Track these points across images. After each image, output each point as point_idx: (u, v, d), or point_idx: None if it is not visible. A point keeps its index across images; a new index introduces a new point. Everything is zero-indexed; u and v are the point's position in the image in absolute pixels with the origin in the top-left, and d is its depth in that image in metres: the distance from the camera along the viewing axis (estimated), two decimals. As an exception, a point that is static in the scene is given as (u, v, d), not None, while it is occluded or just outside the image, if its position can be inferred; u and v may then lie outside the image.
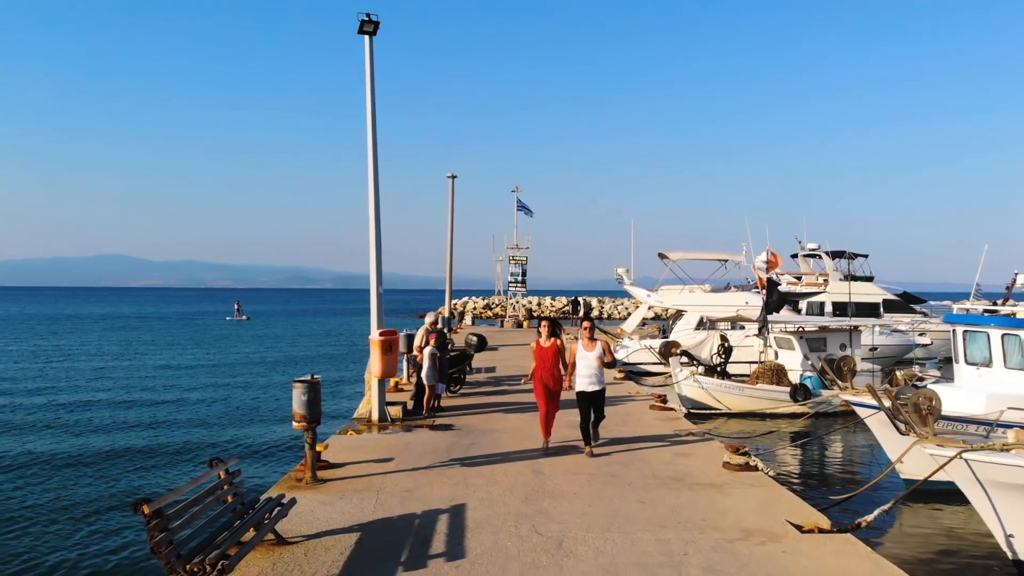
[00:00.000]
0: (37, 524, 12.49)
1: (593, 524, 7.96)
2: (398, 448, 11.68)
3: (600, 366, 11.48)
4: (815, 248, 42.68)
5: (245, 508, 7.22)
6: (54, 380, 32.02)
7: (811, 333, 24.66)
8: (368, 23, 13.03)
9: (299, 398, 9.38)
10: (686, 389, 22.65)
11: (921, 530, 12.03)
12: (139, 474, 16.20)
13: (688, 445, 12.12)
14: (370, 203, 13.49)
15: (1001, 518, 9.85)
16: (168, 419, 22.89)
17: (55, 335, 62.63)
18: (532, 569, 6.67)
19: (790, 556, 7.06)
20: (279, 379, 33.32)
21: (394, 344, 13.70)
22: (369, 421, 13.73)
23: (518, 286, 48.78)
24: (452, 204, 31.70)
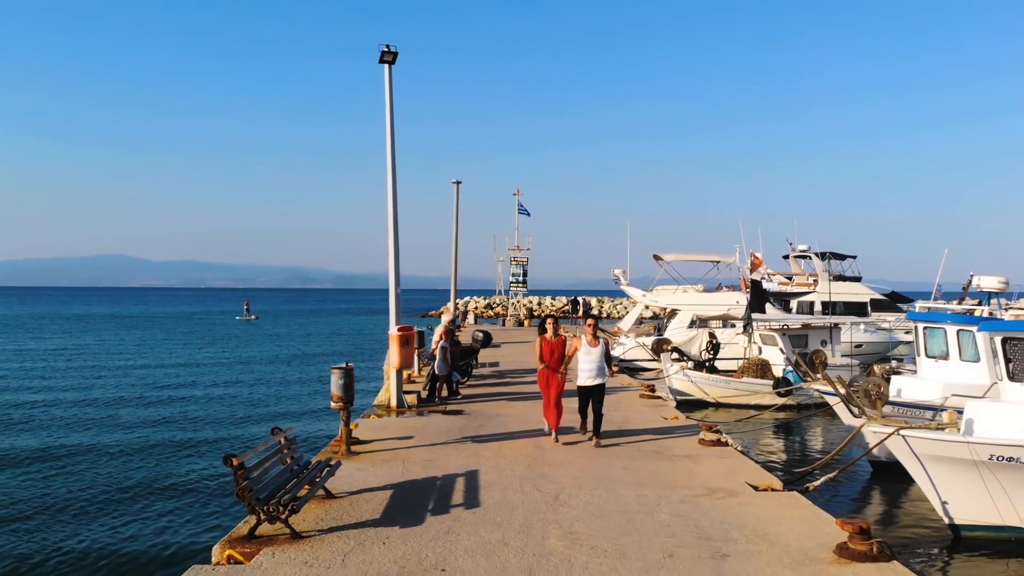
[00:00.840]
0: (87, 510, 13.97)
1: (584, 484, 9.61)
2: (416, 429, 13.34)
3: (602, 363, 12.13)
4: (805, 249, 44.32)
5: (300, 468, 8.88)
6: (83, 377, 33.66)
7: (794, 330, 26.28)
8: (388, 53, 14.67)
9: (336, 382, 11.05)
10: (676, 383, 24.29)
11: (873, 498, 13.71)
12: (173, 462, 17.78)
13: (668, 424, 13.79)
14: (389, 217, 15.12)
15: (936, 487, 11.50)
16: (196, 413, 24.58)
17: (71, 334, 64.32)
18: (534, 514, 8.32)
19: (743, 507, 8.70)
20: (296, 375, 35.17)
21: (410, 338, 15.36)
22: (388, 407, 15.39)
23: (519, 286, 50.41)
24: (457, 209, 33.32)
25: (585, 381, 12.10)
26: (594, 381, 12.06)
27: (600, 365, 12.09)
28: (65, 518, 13.09)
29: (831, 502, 12.57)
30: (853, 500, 13.49)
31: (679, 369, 24.23)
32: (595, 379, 12.06)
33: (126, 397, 27.77)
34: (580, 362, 12.14)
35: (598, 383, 12.07)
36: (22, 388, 29.94)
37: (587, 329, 12.37)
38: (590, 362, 12.04)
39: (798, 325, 26.64)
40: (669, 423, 14.15)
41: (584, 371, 12.10)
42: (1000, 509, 11.11)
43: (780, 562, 6.91)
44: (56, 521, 12.92)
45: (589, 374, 12.07)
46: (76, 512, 13.47)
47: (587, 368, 12.07)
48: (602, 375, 12.13)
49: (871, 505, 13.49)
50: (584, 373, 12.10)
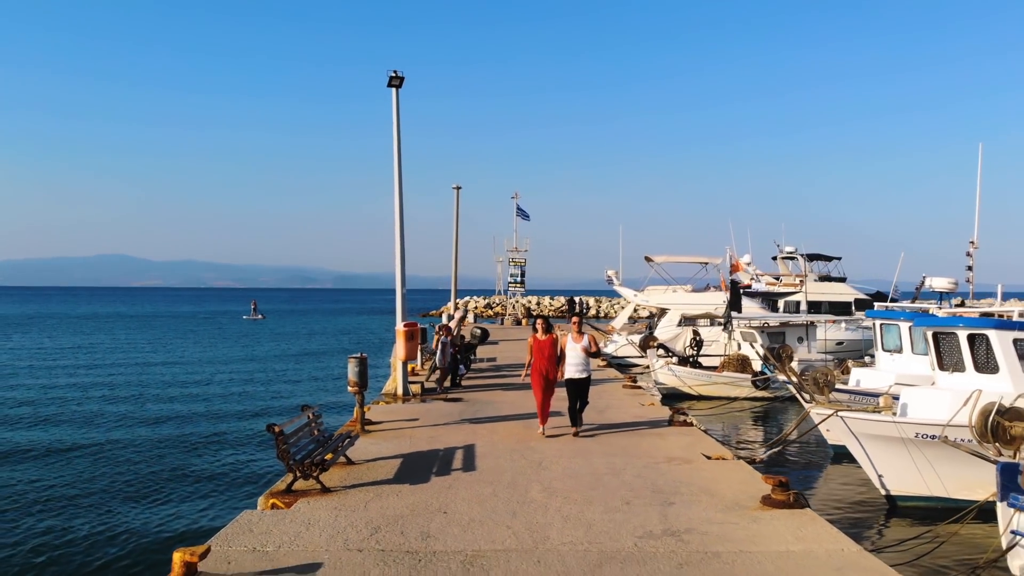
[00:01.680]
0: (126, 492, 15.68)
1: (564, 455, 11.34)
2: (420, 413, 15.08)
3: (587, 356, 12.91)
4: (792, 251, 46.03)
5: (326, 439, 10.62)
6: (107, 374, 35.44)
7: (772, 328, 27.99)
8: (395, 78, 16.38)
9: (352, 369, 12.81)
10: (661, 376, 26.04)
11: (825, 475, 15.45)
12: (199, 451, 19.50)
13: (644, 409, 15.55)
14: (396, 228, 16.81)
15: (872, 462, 13.23)
16: (219, 405, 26.38)
17: (84, 333, 66.15)
18: (520, 475, 10.05)
19: (695, 471, 10.42)
20: (307, 371, 37.16)
21: (415, 333, 17.10)
22: (395, 395, 17.12)
23: (517, 286, 52.12)
24: (457, 214, 35.02)
25: (571, 375, 12.89)
26: (580, 375, 12.90)
27: (585, 360, 12.95)
28: (106, 499, 14.81)
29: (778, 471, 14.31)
30: (805, 476, 15.25)
31: (663, 364, 25.95)
32: (581, 373, 12.90)
33: (150, 392, 29.51)
34: (568, 357, 12.93)
35: (584, 376, 12.93)
36: (54, 385, 31.63)
37: (572, 326, 13.31)
38: (575, 356, 12.90)
39: (776, 323, 28.34)
40: (645, 408, 15.88)
41: (570, 365, 12.91)
42: (927, 481, 12.83)
43: (715, 508, 8.64)
44: (99, 501, 14.65)
45: (575, 368, 12.90)
46: (117, 494, 15.21)
47: (573, 363, 12.91)
48: (587, 369, 13.04)
49: (820, 479, 15.25)
50: (571, 368, 12.91)
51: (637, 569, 6.77)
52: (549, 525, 7.99)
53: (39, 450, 18.81)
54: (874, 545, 10.98)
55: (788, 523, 8.08)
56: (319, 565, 6.79)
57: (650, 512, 8.47)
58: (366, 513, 8.37)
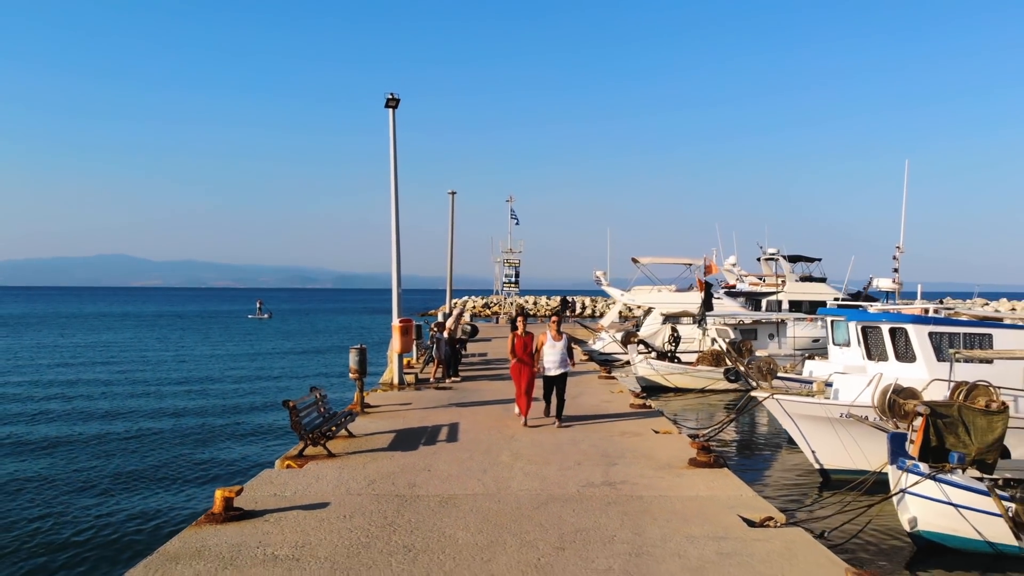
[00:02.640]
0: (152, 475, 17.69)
1: (533, 430, 13.26)
2: (413, 398, 17.02)
3: (564, 354, 13.79)
4: (774, 252, 47.90)
5: (331, 415, 12.54)
6: (125, 370, 37.32)
7: (746, 325, 29.90)
8: (392, 100, 18.30)
9: (353, 358, 14.75)
10: (641, 370, 27.96)
11: (770, 455, 17.36)
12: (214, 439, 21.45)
13: (613, 396, 17.49)
14: (392, 238, 18.73)
15: (805, 440, 15.12)
16: (233, 397, 28.30)
17: (95, 332, 68.14)
18: (494, 445, 11.98)
19: (642, 441, 12.35)
20: (313, 366, 39.18)
21: (410, 329, 19.03)
22: (391, 384, 19.05)
23: (511, 286, 54.04)
24: (452, 219, 36.92)
25: (550, 370, 13.81)
26: (558, 371, 13.78)
27: (563, 357, 13.81)
28: (136, 478, 16.73)
29: (722, 448, 16.26)
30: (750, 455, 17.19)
31: (643, 359, 27.87)
32: (558, 369, 13.78)
33: (167, 387, 31.32)
34: (545, 355, 13.83)
35: (561, 372, 13.81)
36: (79, 380, 33.50)
37: (551, 325, 14.21)
38: (554, 354, 13.76)
39: (749, 321, 30.25)
40: (613, 395, 17.81)
41: (549, 362, 13.79)
42: (852, 456, 14.72)
43: (649, 467, 10.57)
44: (130, 481, 16.58)
45: (553, 364, 13.77)
46: (146, 474, 17.13)
47: (551, 359, 13.77)
48: (564, 365, 13.83)
49: (763, 457, 17.17)
50: (549, 364, 13.79)
51: (574, 506, 8.70)
52: (511, 479, 9.92)
53: (76, 438, 20.63)
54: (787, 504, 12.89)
55: (705, 477, 10.00)
56: (327, 504, 8.72)
57: (596, 470, 10.40)
58: (364, 471, 10.30)
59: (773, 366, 16.34)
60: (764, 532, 7.79)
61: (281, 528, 7.86)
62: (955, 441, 11.42)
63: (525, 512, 8.50)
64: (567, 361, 13.92)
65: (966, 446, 11.37)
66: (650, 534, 7.73)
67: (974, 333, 14.77)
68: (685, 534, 7.72)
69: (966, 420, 11.48)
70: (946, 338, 14.65)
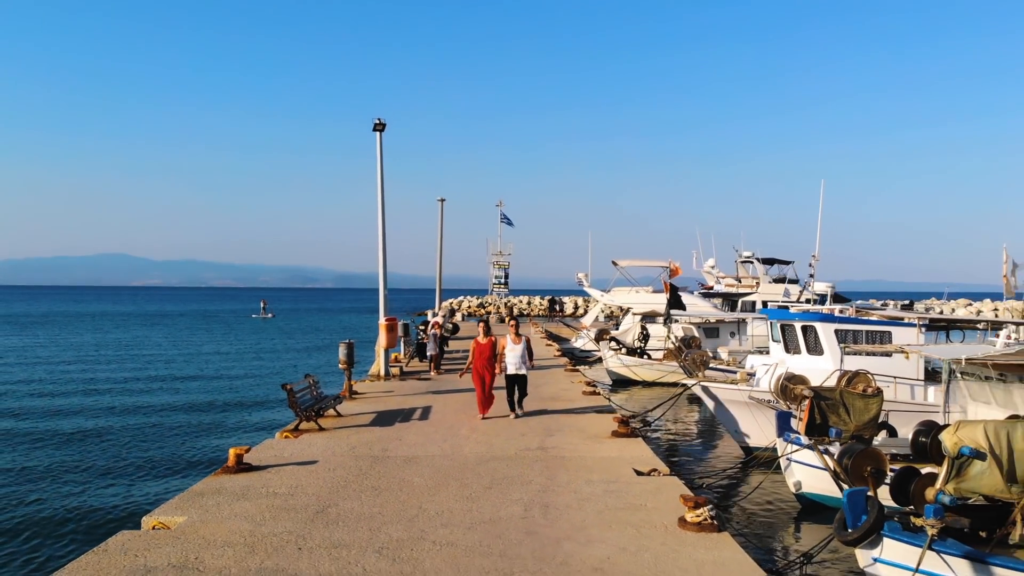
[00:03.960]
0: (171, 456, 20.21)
1: (493, 412, 15.70)
2: (396, 387, 19.52)
3: (523, 356, 14.91)
4: (749, 255, 50.37)
5: (322, 398, 15.02)
6: (137, 366, 39.96)
7: (710, 324, 32.35)
8: (379, 125, 20.75)
9: (342, 351, 17.25)
10: (611, 365, 30.44)
11: (700, 443, 19.84)
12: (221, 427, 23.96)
13: (572, 385, 19.97)
14: (379, 251, 21.18)
15: (727, 420, 17.58)
16: (241, 388, 30.81)
17: (103, 331, 70.94)
18: (456, 423, 14.45)
19: (581, 418, 14.82)
20: (313, 362, 41.73)
21: (394, 326, 21.51)
22: (378, 376, 21.53)
23: (501, 287, 56.53)
24: (441, 225, 39.34)
25: (510, 371, 14.97)
26: (518, 370, 14.97)
27: (523, 357, 14.98)
28: (164, 449, 19.25)
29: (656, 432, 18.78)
30: (680, 437, 19.67)
31: (613, 355, 30.35)
32: (519, 369, 14.96)
33: (182, 382, 33.94)
34: (507, 356, 15.00)
35: (521, 372, 15.01)
36: (100, 378, 36.06)
37: (510, 329, 15.42)
38: (514, 356, 14.95)
39: (712, 320, 32.70)
40: (573, 384, 20.28)
41: (510, 363, 14.96)
42: (766, 434, 17.19)
43: (579, 438, 13.04)
44: (151, 454, 19.09)
45: (514, 365, 14.95)
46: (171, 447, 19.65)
47: (512, 360, 14.95)
48: (524, 366, 15.02)
49: (691, 443, 19.66)
50: (510, 365, 14.97)
51: (508, 462, 11.18)
52: (465, 445, 12.40)
53: (103, 423, 23.14)
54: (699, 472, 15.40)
55: (619, 444, 12.48)
56: (316, 461, 11.21)
57: (535, 439, 12.89)
58: (347, 440, 12.78)
59: (707, 358, 18.83)
60: (647, 479, 10.26)
61: (280, 476, 10.34)
62: (836, 419, 13.87)
63: (469, 466, 10.98)
64: (527, 361, 15.17)
65: (845, 424, 13.82)
66: (559, 479, 10.21)
67: (874, 331, 17.25)
68: (585, 479, 10.20)
69: (846, 402, 13.93)
70: (850, 335, 17.14)
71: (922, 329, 17.01)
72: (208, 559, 7.20)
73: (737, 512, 13.26)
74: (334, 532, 8.00)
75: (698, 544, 7.67)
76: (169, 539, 7.78)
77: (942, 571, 8.41)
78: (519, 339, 15.14)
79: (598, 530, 8.10)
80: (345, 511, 8.75)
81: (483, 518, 8.51)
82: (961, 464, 9.43)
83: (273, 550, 7.46)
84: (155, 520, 8.46)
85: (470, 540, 7.77)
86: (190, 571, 6.90)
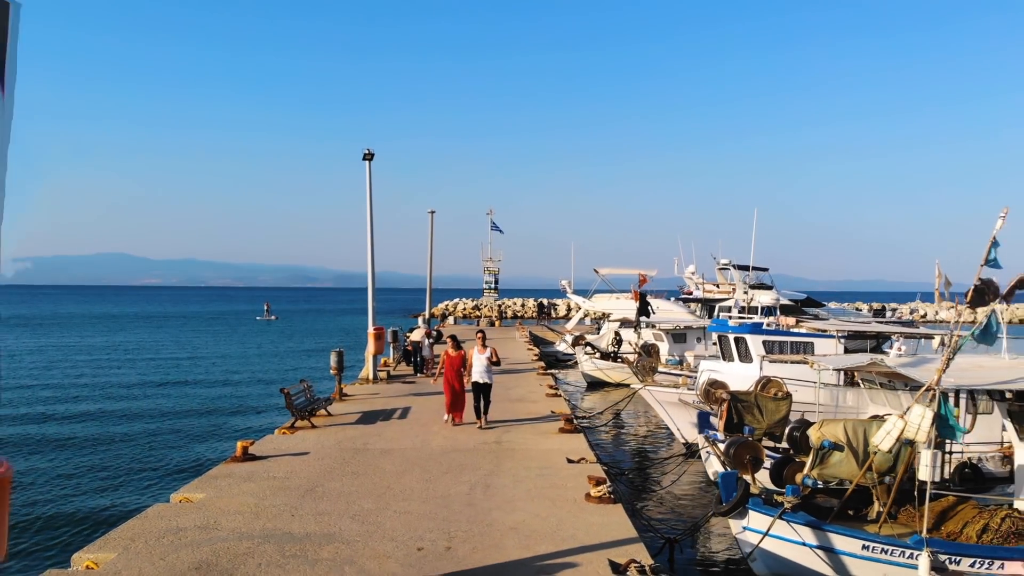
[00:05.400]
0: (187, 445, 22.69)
1: (468, 419, 18.15)
2: (382, 390, 21.95)
3: (489, 366, 16.10)
4: (727, 263, 52.76)
5: (315, 399, 17.45)
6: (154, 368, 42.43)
7: (676, 330, 34.77)
8: (368, 155, 23.17)
9: (333, 359, 19.73)
10: (586, 368, 32.87)
11: (646, 438, 22.28)
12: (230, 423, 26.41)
13: (540, 387, 22.40)
14: (368, 273, 23.60)
15: (670, 419, 19.98)
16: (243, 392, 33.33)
17: (109, 333, 73.44)
18: (431, 422, 16.86)
19: (537, 415, 17.24)
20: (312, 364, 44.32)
21: (381, 335, 23.97)
22: (367, 379, 23.97)
23: (491, 292, 58.97)
24: (432, 237, 41.75)
25: (476, 379, 16.21)
26: (484, 379, 16.16)
27: (487, 367, 16.19)
28: (181, 441, 21.72)
29: (615, 428, 21.23)
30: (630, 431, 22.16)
31: (587, 358, 32.78)
32: (483, 378, 16.15)
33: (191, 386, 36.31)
34: (473, 365, 16.26)
35: (486, 381, 16.19)
36: (115, 384, 38.54)
37: (478, 339, 16.85)
38: (481, 364, 16.16)
39: (681, 326, 35.13)
40: (541, 387, 22.70)
41: (475, 371, 16.20)
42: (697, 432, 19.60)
43: (531, 434, 15.46)
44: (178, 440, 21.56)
45: (479, 374, 16.20)
46: (188, 440, 22.12)
47: (477, 369, 16.22)
48: (489, 375, 16.27)
49: (642, 431, 22.12)
50: (476, 374, 16.20)
51: (466, 453, 13.61)
52: (433, 440, 14.84)
53: (127, 428, 25.62)
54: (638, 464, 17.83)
55: (562, 439, 14.92)
56: (308, 452, 13.63)
57: (492, 435, 15.32)
58: (335, 436, 15.22)
59: (655, 364, 21.26)
60: (575, 466, 12.68)
61: (278, 464, 12.78)
62: (751, 419, 16.30)
63: (433, 457, 13.42)
64: (491, 371, 16.45)
65: (759, 422, 16.25)
66: (504, 466, 12.65)
67: (798, 342, 19.69)
68: (525, 466, 12.64)
69: (759, 404, 16.37)
70: (776, 345, 19.57)
71: (840, 340, 19.41)
72: (223, 522, 9.64)
73: (655, 492, 15.71)
74: (319, 504, 10.44)
75: (595, 512, 10.11)
76: (192, 509, 10.21)
77: (791, 536, 10.87)
78: (484, 349, 16.45)
79: (523, 503, 10.54)
80: (329, 489, 11.19)
81: (436, 495, 10.94)
82: (823, 454, 11.93)
83: (273, 516, 9.89)
84: (180, 496, 10.89)
85: (423, 510, 10.21)
86: (210, 530, 9.32)
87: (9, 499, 5.89)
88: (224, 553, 8.51)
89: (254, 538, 9.03)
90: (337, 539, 9.01)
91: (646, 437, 21.82)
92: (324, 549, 8.67)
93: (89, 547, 8.78)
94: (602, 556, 8.41)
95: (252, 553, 8.53)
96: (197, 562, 8.25)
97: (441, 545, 8.84)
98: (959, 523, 11.35)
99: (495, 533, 9.29)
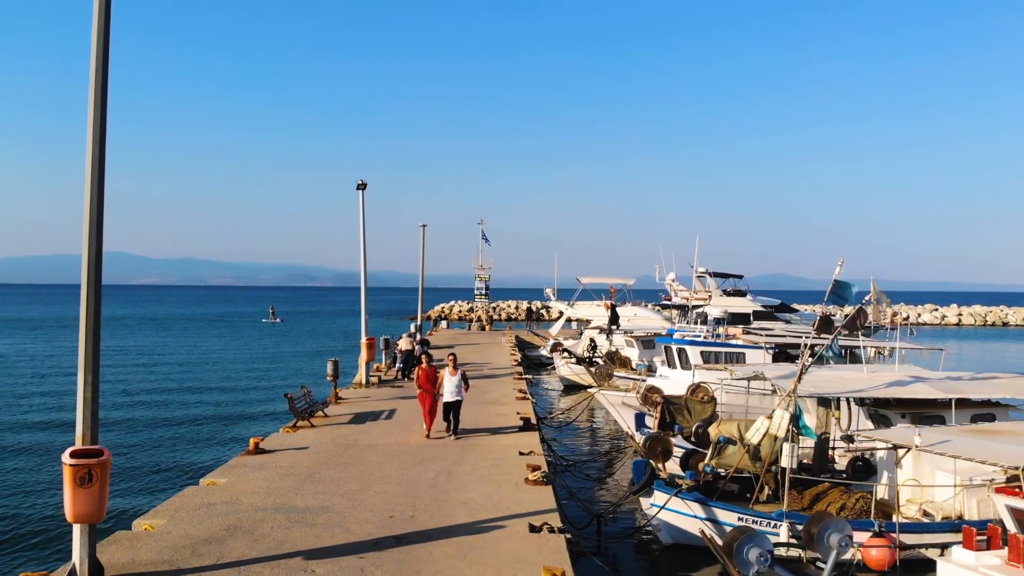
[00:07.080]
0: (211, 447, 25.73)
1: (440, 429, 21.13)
2: (372, 393, 24.97)
3: (459, 385, 17.44)
4: (704, 271, 55.76)
5: (314, 402, 20.45)
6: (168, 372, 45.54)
7: (646, 337, 37.81)
8: (362, 185, 26.16)
9: (329, 367, 22.74)
10: (563, 372, 35.89)
11: (603, 435, 25.30)
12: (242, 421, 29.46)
13: (512, 391, 25.40)
14: (361, 288, 26.61)
15: (621, 418, 22.97)
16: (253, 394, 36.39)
17: (119, 336, 76.56)
18: (412, 421, 19.83)
19: (503, 416, 20.22)
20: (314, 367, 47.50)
21: (373, 344, 27.01)
22: (360, 384, 26.99)
23: (482, 297, 62.00)
24: (423, 250, 44.75)
25: (447, 398, 17.58)
26: (453, 398, 17.59)
27: (458, 386, 17.54)
28: (202, 437, 24.73)
29: (576, 427, 24.27)
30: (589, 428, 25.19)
31: (564, 363, 35.81)
32: (454, 396, 17.58)
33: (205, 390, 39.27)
34: (444, 384, 17.55)
35: (456, 399, 17.63)
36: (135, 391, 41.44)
37: (449, 361, 18.31)
38: (451, 385, 17.54)
39: (651, 333, 38.17)
40: (512, 390, 25.69)
41: (447, 391, 17.55)
42: (647, 430, 22.59)
43: (496, 431, 18.44)
44: (199, 437, 24.57)
45: (450, 393, 17.55)
46: (207, 437, 25.13)
47: (448, 389, 17.53)
48: (459, 393, 17.61)
49: (600, 429, 25.13)
50: (447, 393, 17.57)
51: (438, 447, 16.60)
52: (411, 437, 17.82)
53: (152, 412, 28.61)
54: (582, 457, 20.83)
55: (519, 436, 17.90)
56: (307, 447, 16.63)
57: (471, 423, 18.31)
58: (330, 434, 18.22)
59: (611, 370, 24.28)
60: (524, 457, 15.65)
61: (283, 456, 15.77)
62: (681, 419, 19.32)
63: (411, 451, 16.43)
64: (461, 390, 17.73)
65: (687, 422, 19.28)
66: (466, 458, 15.65)
67: (731, 352, 22.70)
68: (483, 457, 15.64)
69: (688, 406, 19.40)
70: (712, 355, 22.58)
71: (768, 352, 22.42)
72: (243, 499, 12.64)
73: (593, 479, 18.70)
74: (316, 486, 13.44)
75: (529, 491, 13.10)
76: (218, 489, 13.21)
77: (686, 510, 13.89)
78: (455, 371, 17.74)
79: (475, 485, 13.54)
80: (324, 476, 14.19)
81: (408, 479, 13.95)
82: (720, 447, 14.97)
83: (280, 495, 12.90)
84: (208, 480, 13.89)
85: (396, 490, 13.21)
86: (233, 504, 12.32)
87: (109, 477, 9.03)
88: (245, 520, 11.51)
89: (267, 510, 12.03)
90: (329, 511, 12.01)
91: (598, 434, 24.82)
92: (320, 517, 11.67)
93: (144, 516, 11.78)
94: (526, 521, 11.40)
95: (266, 520, 11.52)
96: (226, 525, 11.24)
97: (407, 514, 11.85)
98: (826, 503, 14.43)
99: (449, 506, 12.29)
